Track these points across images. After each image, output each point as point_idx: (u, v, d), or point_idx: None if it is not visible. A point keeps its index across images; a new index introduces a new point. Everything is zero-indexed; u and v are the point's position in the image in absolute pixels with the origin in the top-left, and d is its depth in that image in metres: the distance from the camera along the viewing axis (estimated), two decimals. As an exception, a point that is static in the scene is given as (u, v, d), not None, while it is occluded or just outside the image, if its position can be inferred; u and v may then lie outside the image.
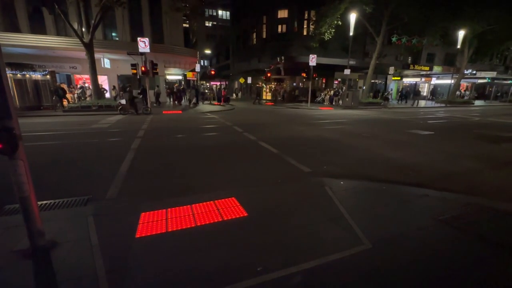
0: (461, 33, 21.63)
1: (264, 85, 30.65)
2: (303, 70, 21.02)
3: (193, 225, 2.95)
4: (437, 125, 11.67)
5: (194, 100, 20.57)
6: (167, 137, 8.40)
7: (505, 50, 29.72)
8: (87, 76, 18.60)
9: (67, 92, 17.71)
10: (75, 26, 15.30)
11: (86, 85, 19.60)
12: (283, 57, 24.62)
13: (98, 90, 16.81)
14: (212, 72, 26.52)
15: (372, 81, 25.94)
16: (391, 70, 25.40)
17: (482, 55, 29.17)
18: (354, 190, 4.11)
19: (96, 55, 16.43)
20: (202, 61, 49.78)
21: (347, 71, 19.94)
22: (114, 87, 21.11)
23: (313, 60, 19.35)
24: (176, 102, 21.09)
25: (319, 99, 24.99)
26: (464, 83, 33.33)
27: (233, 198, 3.67)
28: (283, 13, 27.42)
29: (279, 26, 28.10)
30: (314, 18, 22.91)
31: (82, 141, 7.65)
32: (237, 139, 8.13)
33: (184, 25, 29.10)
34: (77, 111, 14.48)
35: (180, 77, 35.58)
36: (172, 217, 3.13)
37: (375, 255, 2.46)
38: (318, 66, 20.44)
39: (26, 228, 2.35)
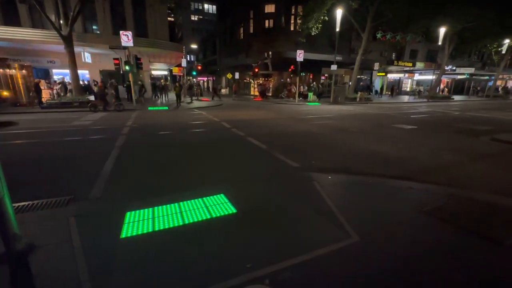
0: (442, 30, 22.31)
1: (252, 81, 30.51)
2: (291, 66, 21.05)
3: (180, 224, 2.89)
4: (419, 120, 12.04)
5: (188, 99, 19.59)
6: (153, 134, 8.19)
7: (482, 47, 30.95)
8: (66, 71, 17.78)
9: (45, 88, 16.87)
10: (52, 18, 14.54)
11: (67, 80, 18.76)
12: (270, 53, 24.53)
13: (79, 86, 16.14)
14: (199, 67, 26.09)
15: (358, 76, 26.36)
16: (376, 66, 25.92)
17: (461, 52, 30.31)
18: (342, 184, 4.17)
19: (76, 49, 15.74)
20: (188, 56, 48.83)
21: (333, 67, 20.14)
22: (96, 82, 20.35)
23: (300, 56, 19.40)
24: (158, 97, 20.60)
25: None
26: (444, 79, 34.50)
27: (221, 194, 3.63)
28: (270, 8, 27.22)
29: (266, 21, 27.90)
30: (301, 13, 22.89)
31: (63, 139, 7.33)
32: (225, 135, 8.05)
33: (169, 19, 28.38)
34: (57, 108, 13.85)
35: (166, 72, 34.78)
36: (159, 216, 3.05)
37: (363, 247, 2.51)
38: (306, 61, 20.52)
39: (0, 232, 2.22)
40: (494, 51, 29.98)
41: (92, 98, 13.96)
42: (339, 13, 18.30)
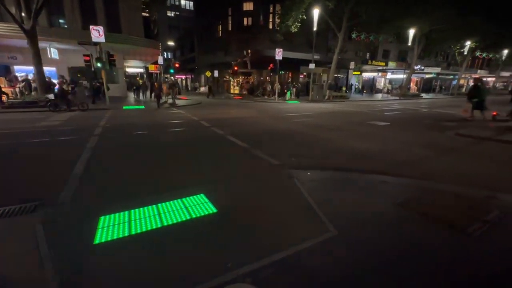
0: (411, 32, 23.59)
1: (232, 79, 30.31)
2: (270, 64, 21.18)
3: (159, 226, 2.80)
4: (392, 117, 12.66)
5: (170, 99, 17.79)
6: (129, 134, 7.86)
7: (447, 48, 33.20)
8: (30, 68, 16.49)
9: (5, 86, 15.55)
10: (13, 10, 13.39)
11: (30, 77, 17.42)
12: (249, 51, 24.50)
13: (45, 84, 15.06)
14: (176, 65, 25.44)
15: (335, 75, 27.15)
16: (352, 65, 26.84)
17: (428, 52, 32.29)
18: (321, 180, 4.27)
19: (41, 44, 14.67)
20: (165, 53, 47.40)
21: (311, 66, 20.56)
22: (65, 80, 19.10)
23: (279, 54, 19.57)
24: (136, 96, 19.78)
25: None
26: (414, 78, 36.54)
27: (201, 194, 3.56)
28: (248, 6, 27.17)
29: (245, 19, 27.83)
30: (279, 12, 23.09)
31: (28, 141, 6.80)
32: (205, 134, 7.92)
33: (144, 14, 27.32)
34: (21, 108, 12.82)
35: (141, 70, 33.52)
36: (136, 219, 2.93)
37: (341, 240, 2.58)
38: (284, 60, 20.75)
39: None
40: (457, 52, 32.28)
41: (51, 96, 12.90)
42: (316, 12, 18.68)
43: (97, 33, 13.67)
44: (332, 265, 2.24)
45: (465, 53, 31.02)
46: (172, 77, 33.40)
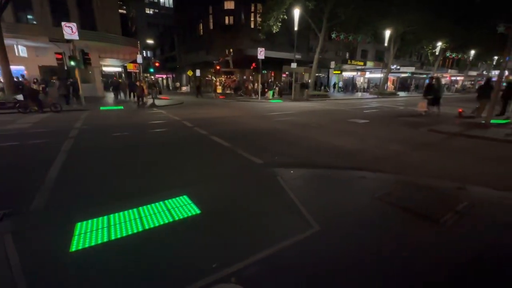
0: (387, 32, 24.56)
1: (214, 78, 30.00)
2: (252, 63, 21.20)
3: (140, 230, 2.72)
4: (371, 114, 13.13)
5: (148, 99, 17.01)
6: (107, 136, 7.57)
7: (420, 49, 34.92)
8: None
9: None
10: (-27, 4, 12.41)
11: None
12: (231, 50, 24.36)
13: (13, 83, 14.11)
14: (157, 64, 24.80)
15: (317, 74, 27.70)
16: (332, 64, 27.51)
17: (403, 53, 33.79)
18: (303, 177, 4.33)
19: (8, 41, 13.72)
20: (144, 52, 46.00)
21: (293, 65, 20.82)
22: (36, 80, 18.00)
23: (261, 53, 19.63)
24: (116, 96, 19.02)
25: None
26: (391, 77, 38.10)
27: (184, 196, 3.50)
28: (229, 4, 27.00)
29: (226, 18, 27.63)
30: (261, 11, 23.16)
31: (-6, 145, 6.35)
32: (187, 135, 7.80)
33: (121, 11, 26.32)
34: (-15, 109, 11.93)
35: (119, 69, 32.32)
36: (116, 224, 2.82)
37: (323, 235, 2.65)
38: (267, 59, 20.86)
39: None
40: (430, 52, 34.04)
41: (20, 97, 12.07)
42: (296, 12, 18.92)
43: (70, 30, 13.00)
44: (315, 260, 2.29)
45: (437, 53, 32.81)
46: (152, 77, 32.52)
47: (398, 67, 34.23)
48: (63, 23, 13.02)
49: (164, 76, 44.59)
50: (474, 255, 2.41)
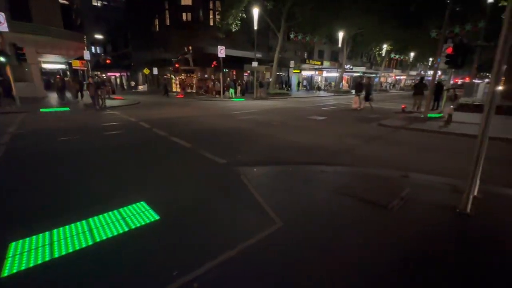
0: (341, 34, 26.22)
1: (173, 77, 28.77)
2: (213, 62, 20.82)
3: (90, 243, 2.47)
4: (329, 111, 13.90)
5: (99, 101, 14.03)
6: (50, 141, 6.73)
7: (369, 50, 38.07)
8: None
9: None
10: None
11: None
12: (191, 48, 23.61)
13: None
14: (108, 61, 22.89)
15: (277, 73, 28.34)
16: (292, 63, 28.41)
17: (355, 53, 36.49)
18: (267, 175, 4.40)
19: None
20: (93, 47, 42.08)
21: (254, 64, 20.99)
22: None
23: (222, 52, 19.38)
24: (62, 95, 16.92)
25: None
26: (346, 76, 40.82)
27: (142, 202, 3.29)
28: (186, 0, 26.06)
29: (184, 14, 26.63)
30: (220, 9, 22.83)
31: None
32: (145, 136, 7.34)
33: (62, 1, 23.65)
34: None
35: (63, 66, 29.10)
36: (60, 239, 2.53)
37: (286, 230, 2.71)
38: (228, 58, 20.66)
39: None
40: (377, 53, 37.30)
41: None
42: (255, 12, 19.08)
43: (-3, 21, 11.23)
44: (279, 257, 2.33)
45: (383, 54, 36.09)
46: (103, 75, 29.89)
47: (351, 67, 36.83)
48: (-13, 13, 11.19)
49: (118, 75, 41.27)
50: (416, 234, 2.71)
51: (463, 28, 18.88)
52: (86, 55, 21.44)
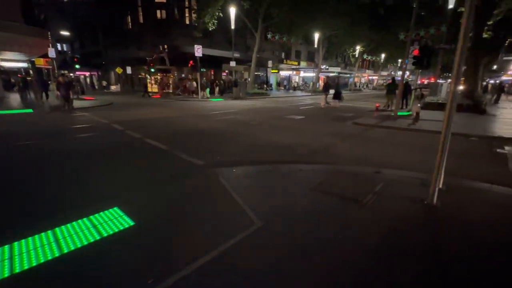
0: (316, 35, 26.88)
1: (148, 76, 27.77)
2: (190, 61, 20.39)
3: (56, 255, 2.30)
4: (306, 111, 14.20)
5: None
6: (7, 146, 6.19)
7: (344, 51, 39.49)
8: None
9: None
10: None
11: None
12: (166, 46, 22.93)
13: None
14: (75, 59, 21.58)
15: (256, 73, 28.44)
16: (270, 63, 28.65)
17: (331, 54, 37.63)
18: (245, 175, 4.39)
19: None
20: (59, 45, 39.39)
21: (232, 63, 20.86)
22: None
23: (199, 51, 19.03)
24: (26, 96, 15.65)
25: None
26: (322, 76, 41.96)
27: (115, 208, 3.12)
28: (160, -3, 25.29)
29: (158, 11, 25.81)
30: (195, 7, 22.40)
31: None
32: (118, 139, 7.01)
33: (22, -6, 21.84)
34: None
35: (25, 65, 26.90)
36: (22, 253, 2.32)
37: (267, 230, 2.72)
38: (206, 57, 20.35)
39: None
40: (351, 54, 38.77)
41: None
42: (232, 11, 18.97)
43: None
44: (259, 256, 2.33)
45: (357, 55, 37.59)
46: (71, 74, 28.07)
47: (327, 67, 37.91)
48: None
49: (88, 74, 38.98)
50: (387, 226, 2.84)
51: (428, 31, 20.17)
52: (51, 52, 20.02)
